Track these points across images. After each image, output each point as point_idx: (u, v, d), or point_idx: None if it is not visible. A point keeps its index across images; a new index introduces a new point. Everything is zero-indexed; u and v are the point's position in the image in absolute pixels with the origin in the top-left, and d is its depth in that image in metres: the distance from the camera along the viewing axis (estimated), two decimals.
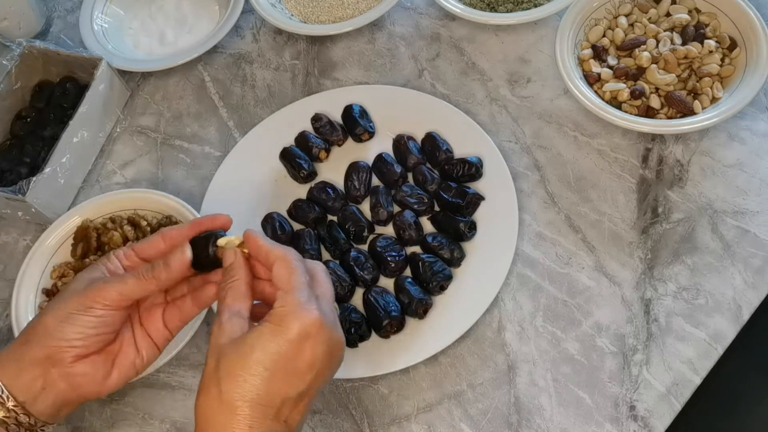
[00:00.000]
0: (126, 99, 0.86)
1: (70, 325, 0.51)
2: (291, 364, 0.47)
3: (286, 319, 0.47)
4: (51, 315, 0.51)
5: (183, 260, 0.52)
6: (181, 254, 0.53)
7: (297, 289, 0.49)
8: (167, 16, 0.93)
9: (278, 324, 0.47)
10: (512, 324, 0.65)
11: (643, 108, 0.73)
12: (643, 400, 0.60)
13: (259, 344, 0.46)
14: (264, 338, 0.47)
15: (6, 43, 0.88)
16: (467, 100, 0.79)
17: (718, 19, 0.76)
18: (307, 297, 0.49)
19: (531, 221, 0.70)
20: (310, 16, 0.88)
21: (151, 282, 0.52)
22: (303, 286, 0.49)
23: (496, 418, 0.62)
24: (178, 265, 0.52)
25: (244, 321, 0.49)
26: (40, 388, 0.51)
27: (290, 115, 0.80)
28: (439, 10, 0.87)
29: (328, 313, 0.49)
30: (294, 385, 0.47)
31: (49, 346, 0.51)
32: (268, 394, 0.46)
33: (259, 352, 0.46)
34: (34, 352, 0.51)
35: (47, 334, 0.51)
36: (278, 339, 0.46)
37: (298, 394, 0.47)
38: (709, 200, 0.69)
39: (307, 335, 0.47)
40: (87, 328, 0.51)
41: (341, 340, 0.50)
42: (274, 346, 0.46)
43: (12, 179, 0.77)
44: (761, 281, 0.64)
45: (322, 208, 0.73)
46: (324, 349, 0.48)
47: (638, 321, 0.64)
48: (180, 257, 0.52)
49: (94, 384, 0.53)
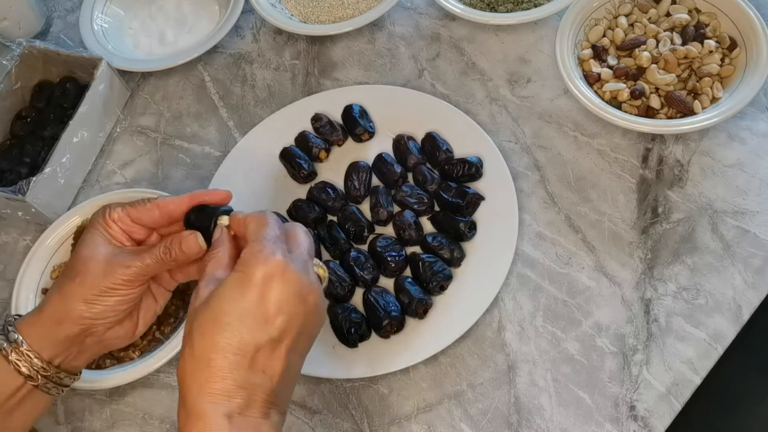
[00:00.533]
0: (126, 99, 0.86)
1: (101, 306, 0.52)
2: (258, 308, 0.46)
3: (248, 264, 0.47)
4: (79, 299, 0.52)
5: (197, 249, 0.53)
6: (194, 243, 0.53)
7: (264, 237, 0.49)
8: (167, 16, 0.93)
9: (242, 270, 0.47)
10: (512, 324, 0.65)
11: (643, 108, 0.73)
12: (643, 400, 0.60)
13: (225, 294, 0.46)
14: (229, 287, 0.47)
15: (6, 43, 0.88)
16: (467, 100, 0.79)
17: (718, 19, 0.76)
18: (273, 245, 0.48)
19: (531, 221, 0.70)
20: (310, 16, 0.88)
21: (169, 263, 0.53)
22: (271, 237, 0.49)
23: (496, 418, 0.62)
24: (192, 252, 0.53)
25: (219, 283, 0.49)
26: (76, 353, 0.54)
27: (290, 115, 0.80)
28: (439, 10, 0.87)
29: (296, 260, 0.49)
30: (264, 330, 0.46)
31: (83, 324, 0.52)
32: (240, 343, 0.45)
33: (225, 302, 0.46)
34: (68, 330, 0.52)
35: (79, 315, 0.52)
36: (242, 285, 0.46)
37: (271, 339, 0.46)
38: (709, 200, 0.69)
39: (271, 277, 0.46)
40: (116, 305, 0.53)
41: (313, 285, 0.49)
42: (238, 293, 0.46)
43: (12, 179, 0.77)
44: (761, 281, 0.64)
45: (322, 208, 0.73)
46: (292, 290, 0.47)
47: (638, 321, 0.64)
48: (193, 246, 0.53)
49: (125, 340, 0.56)
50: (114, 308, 0.53)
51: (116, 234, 0.54)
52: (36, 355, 0.51)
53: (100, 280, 0.52)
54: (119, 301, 0.53)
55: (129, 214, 0.55)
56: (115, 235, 0.54)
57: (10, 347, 0.51)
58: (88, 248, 0.53)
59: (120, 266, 0.52)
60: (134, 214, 0.55)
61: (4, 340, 0.52)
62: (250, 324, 0.45)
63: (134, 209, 0.55)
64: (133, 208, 0.55)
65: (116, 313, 0.53)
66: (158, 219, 0.55)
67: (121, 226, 0.55)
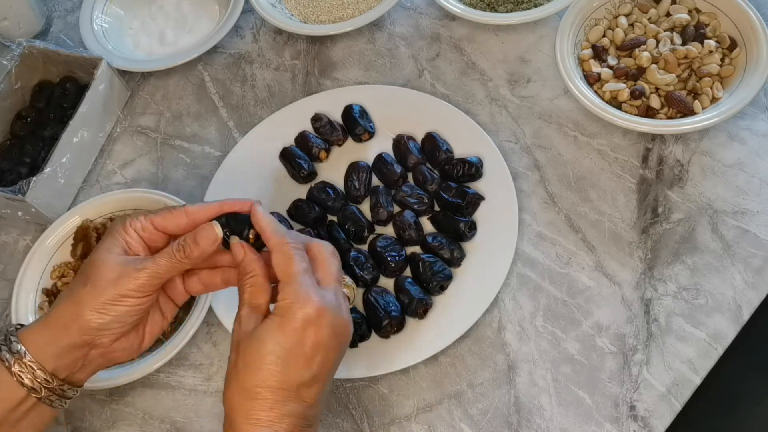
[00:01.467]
0: (126, 99, 0.86)
1: (108, 316, 0.52)
2: (299, 350, 0.49)
3: (288, 312, 0.50)
4: (88, 307, 0.51)
5: (213, 237, 0.53)
6: (211, 231, 0.53)
7: (295, 279, 0.51)
8: (167, 16, 0.93)
9: (282, 316, 0.50)
10: (512, 324, 0.65)
11: (643, 108, 0.73)
12: (643, 400, 0.61)
13: (268, 337, 0.49)
14: (272, 331, 0.50)
15: (6, 43, 0.87)
16: (467, 100, 0.79)
17: (718, 19, 0.76)
18: (306, 286, 0.51)
19: (531, 221, 0.70)
20: (310, 16, 0.88)
21: (183, 261, 0.53)
22: (300, 275, 0.51)
23: (496, 418, 0.62)
24: (208, 242, 0.53)
25: (261, 316, 0.52)
26: (80, 366, 0.53)
27: (290, 115, 0.80)
28: (439, 10, 0.87)
29: (329, 297, 0.51)
30: (306, 369, 0.50)
31: (89, 335, 0.52)
32: (285, 380, 0.49)
33: (269, 343, 0.49)
34: (73, 339, 0.52)
35: (87, 326, 0.51)
36: (285, 330, 0.49)
37: (312, 376, 0.50)
38: (709, 200, 0.69)
39: (309, 322, 0.50)
40: (124, 316, 0.52)
41: (346, 320, 0.53)
42: (281, 337, 0.49)
43: (12, 179, 0.77)
44: (761, 281, 0.64)
45: (322, 208, 0.73)
46: (328, 332, 0.50)
47: (638, 321, 0.64)
48: (210, 234, 0.53)
49: (130, 354, 0.56)
50: (123, 319, 0.52)
51: (134, 243, 0.54)
52: (39, 366, 0.51)
53: (110, 287, 0.51)
54: (129, 312, 0.52)
55: (153, 222, 0.54)
56: (132, 244, 0.54)
57: (13, 358, 0.51)
58: (102, 254, 0.53)
59: (132, 270, 0.52)
60: (159, 222, 0.54)
61: (7, 351, 0.51)
62: (292, 365, 0.49)
63: (159, 217, 0.54)
64: (158, 216, 0.54)
65: (124, 325, 0.53)
66: (185, 227, 0.55)
67: (142, 235, 0.54)
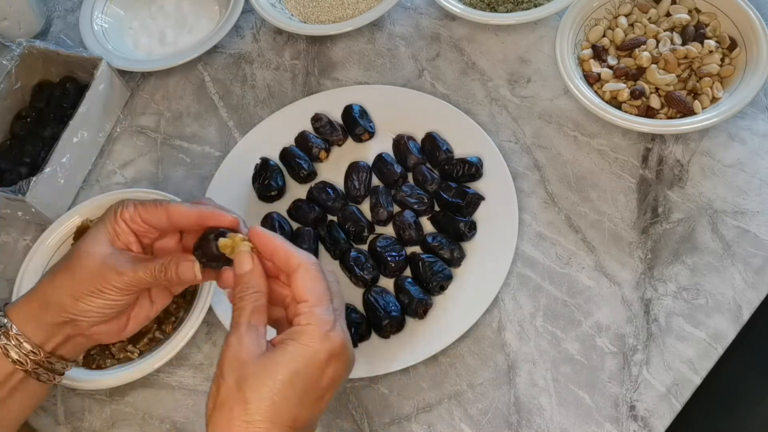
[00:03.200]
0: (126, 99, 0.86)
1: (85, 304, 0.51)
2: (317, 385, 0.46)
3: (314, 341, 0.46)
4: (65, 292, 0.51)
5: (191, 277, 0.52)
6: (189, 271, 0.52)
7: (323, 305, 0.48)
8: (167, 16, 0.93)
9: (306, 345, 0.46)
10: (512, 324, 0.65)
11: (643, 108, 0.73)
12: (643, 400, 0.61)
13: (286, 365, 0.45)
14: (292, 359, 0.45)
15: (6, 43, 0.87)
16: (467, 100, 0.79)
17: (718, 19, 0.76)
18: (332, 316, 0.48)
19: (531, 221, 0.70)
20: (310, 16, 0.88)
21: (161, 281, 0.52)
22: (328, 302, 0.48)
23: (496, 418, 0.62)
24: (187, 278, 0.52)
25: (263, 337, 0.48)
26: (62, 340, 0.53)
27: (290, 115, 0.80)
28: (439, 10, 0.87)
29: (346, 331, 0.49)
30: (314, 405, 0.47)
31: (67, 317, 0.52)
32: (294, 416, 0.45)
33: (287, 373, 0.45)
34: (53, 318, 0.52)
35: (63, 308, 0.51)
36: (306, 361, 0.46)
37: (320, 411, 0.47)
38: (709, 200, 0.69)
39: (332, 357, 0.46)
40: (102, 307, 0.52)
41: (354, 355, 0.50)
42: (302, 368, 0.45)
43: (12, 179, 0.77)
44: (761, 281, 0.64)
45: (322, 208, 0.73)
46: (345, 369, 0.48)
47: (638, 321, 0.64)
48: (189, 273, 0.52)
49: (112, 336, 0.55)
50: (99, 310, 0.52)
51: (123, 234, 0.53)
52: (25, 339, 0.51)
53: (90, 279, 0.51)
54: (105, 305, 0.52)
55: (139, 213, 0.53)
56: (121, 235, 0.53)
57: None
58: (89, 243, 0.52)
59: (113, 271, 0.51)
60: (143, 214, 0.53)
61: None
62: (304, 402, 0.46)
63: (144, 209, 0.53)
64: (143, 208, 0.53)
65: (101, 315, 0.52)
66: (165, 224, 0.53)
67: (131, 226, 0.53)
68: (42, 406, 0.67)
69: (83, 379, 0.65)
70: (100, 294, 0.51)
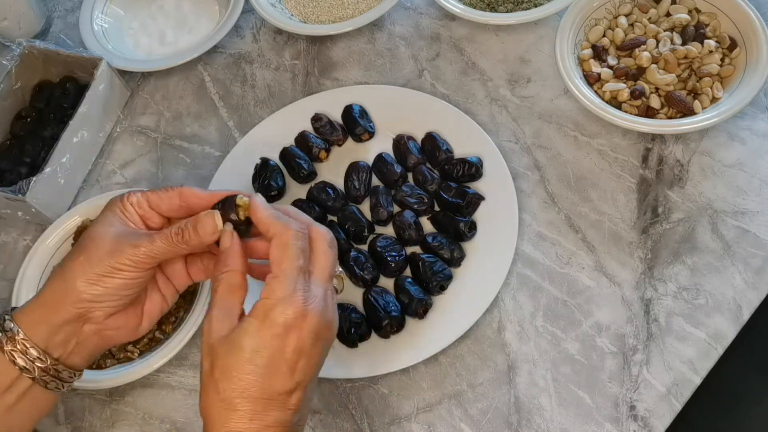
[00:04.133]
0: (126, 99, 0.86)
1: (102, 288, 0.50)
2: (280, 357, 0.47)
3: (270, 314, 0.47)
4: (80, 278, 0.50)
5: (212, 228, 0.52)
6: (210, 221, 0.52)
7: (285, 277, 0.48)
8: (167, 16, 0.93)
9: (263, 320, 0.47)
10: (512, 324, 0.65)
11: (643, 108, 0.73)
12: (643, 400, 0.61)
13: (247, 342, 0.47)
14: (251, 336, 0.47)
15: (6, 43, 0.88)
16: (467, 100, 0.79)
17: (718, 19, 0.76)
18: (294, 287, 0.48)
19: (531, 221, 0.70)
20: (310, 16, 0.88)
21: (180, 246, 0.51)
22: (292, 273, 0.48)
23: (496, 418, 0.62)
24: (207, 232, 0.51)
25: (235, 316, 0.49)
26: (74, 344, 0.52)
27: (290, 115, 0.80)
28: (439, 10, 0.87)
29: (317, 298, 0.48)
30: (288, 376, 0.47)
31: (81, 307, 0.51)
32: (265, 389, 0.46)
33: (248, 350, 0.46)
34: (66, 314, 0.50)
35: (78, 297, 0.50)
36: (263, 335, 0.47)
37: (295, 383, 0.47)
38: (709, 200, 0.69)
39: (291, 327, 0.47)
40: (118, 289, 0.51)
41: (330, 323, 0.50)
42: (260, 342, 0.47)
43: (12, 179, 0.77)
44: (761, 281, 0.64)
45: (322, 208, 0.73)
46: (311, 336, 0.48)
47: (638, 321, 0.64)
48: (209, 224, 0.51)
49: (126, 335, 0.54)
50: (116, 292, 0.51)
51: (132, 217, 0.53)
52: (32, 344, 0.50)
53: (105, 258, 0.50)
54: (122, 285, 0.51)
55: (148, 198, 0.53)
56: (130, 218, 0.53)
57: (5, 337, 0.50)
58: (100, 226, 0.52)
59: (128, 245, 0.50)
60: (153, 200, 0.53)
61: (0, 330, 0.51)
62: (272, 374, 0.47)
63: (154, 194, 0.53)
64: (153, 194, 0.54)
65: (118, 298, 0.51)
66: (177, 208, 0.53)
67: (138, 211, 0.53)
68: None
69: (83, 379, 0.64)
70: (117, 273, 0.50)
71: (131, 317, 0.54)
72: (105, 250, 0.50)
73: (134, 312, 0.54)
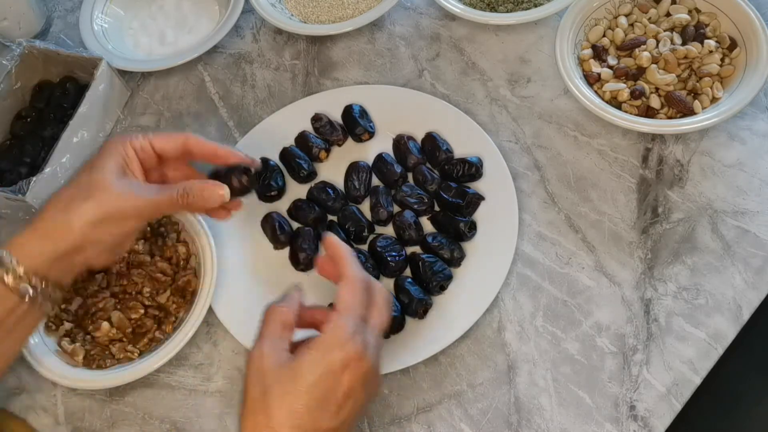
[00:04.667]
0: (126, 99, 0.86)
1: (103, 231, 0.53)
2: (332, 395, 0.48)
3: (330, 349, 0.48)
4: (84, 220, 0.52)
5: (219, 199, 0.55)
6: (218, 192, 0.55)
7: (349, 316, 0.50)
8: (167, 16, 0.93)
9: (323, 353, 0.48)
10: (512, 324, 0.65)
11: (643, 108, 0.73)
12: (643, 400, 0.61)
13: (305, 372, 0.48)
14: (310, 366, 0.48)
15: (6, 43, 0.88)
16: (467, 100, 0.79)
17: (718, 19, 0.76)
18: (355, 327, 0.50)
19: (531, 221, 0.70)
20: (310, 16, 0.88)
21: (182, 206, 0.54)
22: (356, 314, 0.51)
23: (496, 418, 0.62)
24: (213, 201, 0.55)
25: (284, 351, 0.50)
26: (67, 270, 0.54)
27: (290, 115, 0.80)
28: (439, 10, 0.87)
29: (372, 344, 0.50)
30: (335, 414, 0.48)
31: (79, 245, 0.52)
32: (314, 421, 0.47)
33: (305, 381, 0.47)
34: (59, 247, 0.52)
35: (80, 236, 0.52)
36: (322, 369, 0.48)
37: (340, 423, 0.48)
38: (709, 200, 0.69)
39: (347, 367, 0.48)
40: (119, 235, 0.54)
41: (378, 370, 0.52)
42: (318, 376, 0.47)
43: (12, 179, 0.77)
44: (761, 281, 0.64)
45: (322, 208, 0.73)
46: (362, 380, 0.49)
47: (638, 321, 0.64)
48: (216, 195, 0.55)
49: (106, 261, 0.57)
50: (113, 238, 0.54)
51: (132, 164, 0.55)
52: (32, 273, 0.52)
53: (113, 208, 0.53)
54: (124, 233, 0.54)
55: (152, 142, 0.56)
56: (131, 165, 0.55)
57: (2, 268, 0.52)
58: (102, 173, 0.54)
59: (136, 198, 0.53)
60: (158, 144, 0.56)
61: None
62: (323, 408, 0.47)
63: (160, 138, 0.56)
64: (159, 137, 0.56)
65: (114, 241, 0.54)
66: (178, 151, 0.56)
67: (140, 155, 0.55)
68: (42, 406, 0.67)
69: (83, 379, 0.65)
70: (122, 222, 0.53)
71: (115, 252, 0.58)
72: (113, 200, 0.53)
73: None
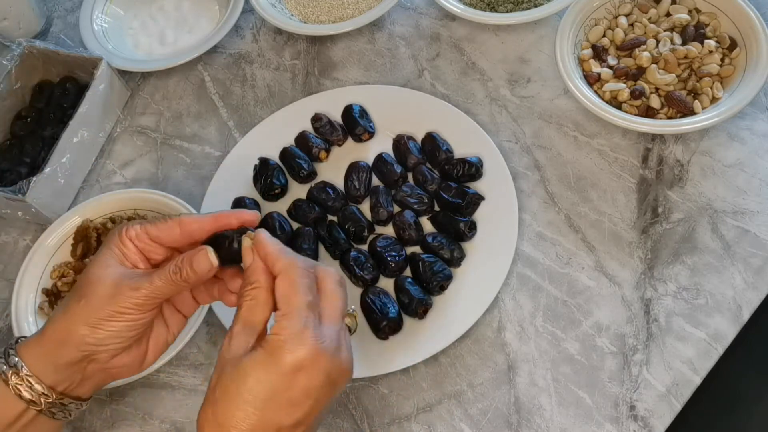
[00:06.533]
0: (126, 99, 0.86)
1: (105, 332, 0.49)
2: (284, 395, 0.45)
3: (278, 351, 0.45)
4: (82, 323, 0.49)
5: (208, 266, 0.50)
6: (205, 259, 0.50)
7: (295, 313, 0.47)
8: (167, 16, 0.93)
9: (271, 354, 0.46)
10: (512, 324, 0.65)
11: (643, 108, 0.73)
12: (643, 400, 0.61)
13: (252, 373, 0.45)
14: (257, 367, 0.45)
15: (6, 43, 0.88)
16: (467, 100, 0.79)
17: (718, 19, 0.76)
18: (304, 324, 0.46)
19: (531, 221, 0.70)
20: (310, 16, 0.88)
21: (180, 284, 0.50)
22: (302, 310, 0.47)
23: (496, 418, 0.62)
24: (203, 269, 0.50)
25: (255, 334, 0.48)
26: (79, 380, 0.51)
27: (290, 115, 0.80)
28: (439, 10, 0.87)
29: (329, 339, 0.47)
30: (289, 414, 0.46)
31: (85, 350, 0.49)
32: (262, 423, 0.45)
33: (252, 380, 0.45)
34: (70, 355, 0.49)
35: (81, 341, 0.49)
36: (270, 371, 0.45)
37: (295, 421, 0.46)
38: (709, 200, 0.69)
39: (300, 367, 0.45)
40: (122, 331, 0.50)
41: (343, 365, 0.48)
42: (265, 377, 0.45)
43: (12, 179, 0.77)
44: (761, 281, 0.64)
45: (322, 208, 0.73)
46: (322, 378, 0.46)
47: (638, 321, 0.64)
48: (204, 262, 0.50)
49: (132, 370, 0.53)
50: (120, 334, 0.50)
51: (131, 254, 0.51)
52: (37, 380, 0.49)
53: (105, 303, 0.49)
54: (126, 327, 0.50)
55: (147, 231, 0.51)
56: (129, 255, 0.51)
57: (9, 371, 0.49)
58: (98, 268, 0.50)
59: (128, 288, 0.49)
60: (153, 232, 0.51)
61: (4, 363, 0.50)
62: (274, 408, 0.45)
63: (153, 227, 0.52)
64: (152, 226, 0.52)
65: (122, 340, 0.50)
66: (178, 238, 0.52)
67: (137, 245, 0.51)
68: None
69: None
70: (119, 316, 0.49)
71: (136, 354, 0.53)
72: (104, 295, 0.49)
73: (139, 349, 0.53)
